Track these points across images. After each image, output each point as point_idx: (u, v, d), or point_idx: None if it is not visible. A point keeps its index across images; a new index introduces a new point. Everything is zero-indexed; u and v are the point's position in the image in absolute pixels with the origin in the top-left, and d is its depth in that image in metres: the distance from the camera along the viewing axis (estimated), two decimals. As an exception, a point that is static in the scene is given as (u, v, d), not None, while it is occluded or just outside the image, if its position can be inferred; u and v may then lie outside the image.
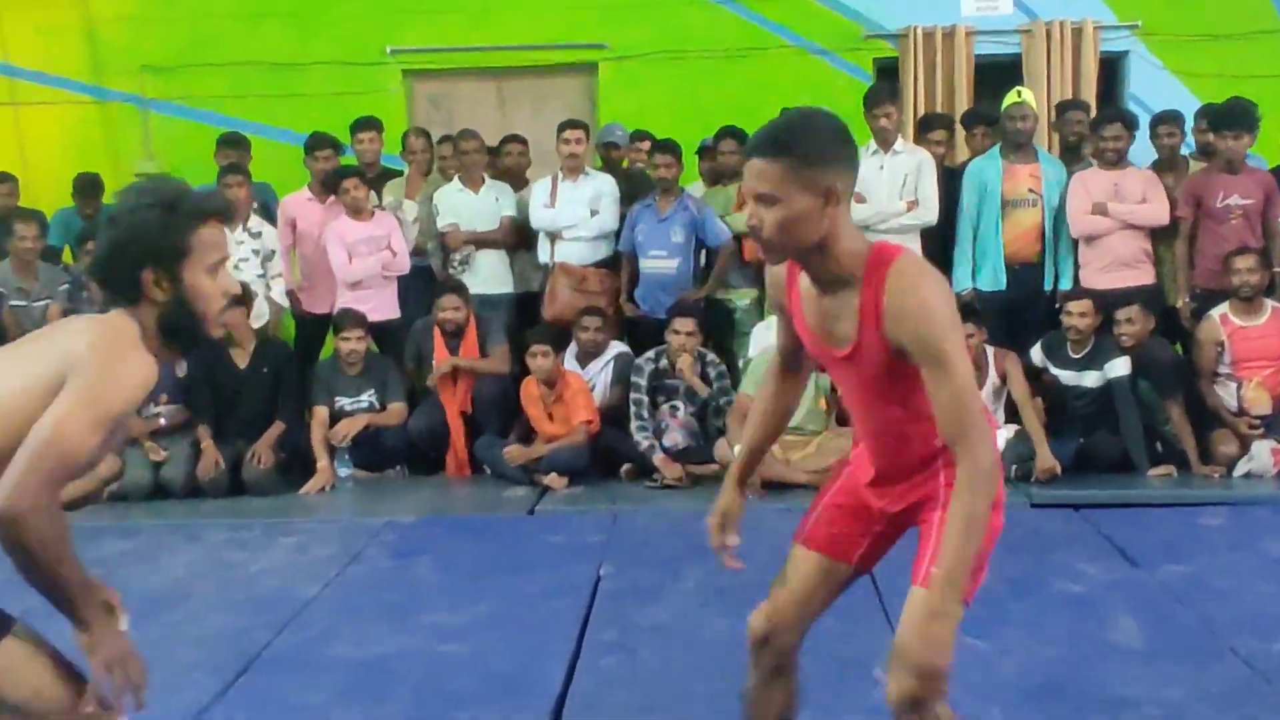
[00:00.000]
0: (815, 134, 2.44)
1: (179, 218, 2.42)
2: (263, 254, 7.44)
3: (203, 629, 4.58)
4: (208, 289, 2.47)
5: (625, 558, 5.33)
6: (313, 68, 9.01)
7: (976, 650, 4.17)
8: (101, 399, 2.28)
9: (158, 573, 5.35)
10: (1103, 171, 7.08)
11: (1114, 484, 6.41)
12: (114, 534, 6.01)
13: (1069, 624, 4.41)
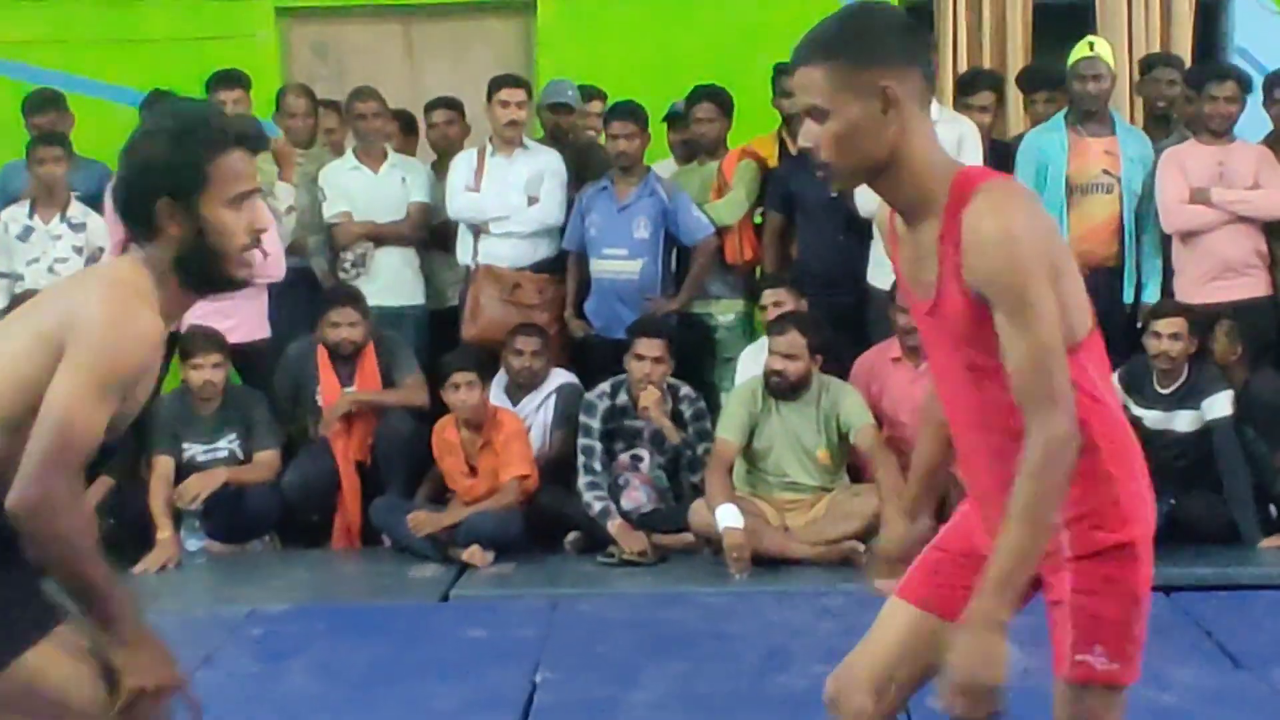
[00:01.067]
0: (861, 29, 2.57)
1: (196, 143, 2.71)
2: (88, 252, 7.40)
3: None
4: (229, 223, 2.74)
5: (569, 660, 5.29)
6: (156, 4, 8.99)
7: None
8: (103, 367, 2.59)
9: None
10: (1203, 147, 7.11)
11: (1214, 559, 6.41)
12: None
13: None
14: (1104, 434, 2.68)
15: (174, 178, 2.69)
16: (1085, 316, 2.67)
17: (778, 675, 5.10)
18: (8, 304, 7.09)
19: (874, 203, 7.21)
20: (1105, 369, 2.81)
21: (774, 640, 5.49)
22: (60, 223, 7.37)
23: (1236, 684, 4.93)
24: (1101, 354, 2.77)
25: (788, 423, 6.71)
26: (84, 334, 2.59)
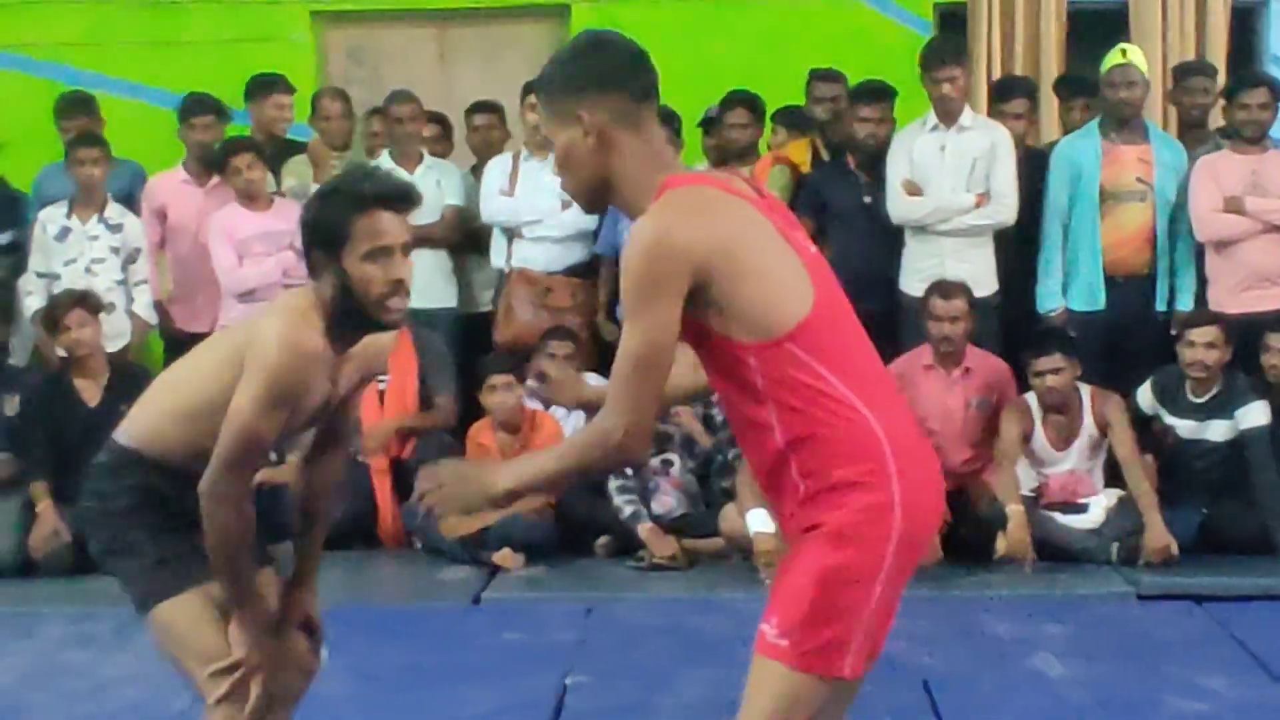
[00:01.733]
0: (562, 61, 2.80)
1: (342, 203, 3.15)
2: (124, 253, 7.42)
3: (35, 755, 4.55)
4: (368, 274, 3.11)
5: (601, 663, 5.30)
6: (193, 6, 9.00)
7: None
8: (266, 379, 3.07)
9: (-25, 677, 5.33)
10: (1237, 155, 7.07)
11: (1249, 569, 6.37)
12: (-83, 624, 5.98)
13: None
14: (825, 422, 2.66)
15: (322, 234, 3.15)
16: (793, 306, 2.65)
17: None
18: (46, 304, 7.11)
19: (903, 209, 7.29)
20: (847, 356, 2.73)
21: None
22: (98, 223, 7.38)
23: (1272, 696, 4.89)
24: (842, 340, 2.74)
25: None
26: (259, 352, 3.08)
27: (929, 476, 2.81)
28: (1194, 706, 4.78)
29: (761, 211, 2.74)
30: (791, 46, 8.38)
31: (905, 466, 2.69)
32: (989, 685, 5.02)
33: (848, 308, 2.82)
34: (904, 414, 2.87)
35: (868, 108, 7.34)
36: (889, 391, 2.87)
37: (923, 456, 2.82)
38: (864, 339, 2.82)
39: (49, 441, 6.91)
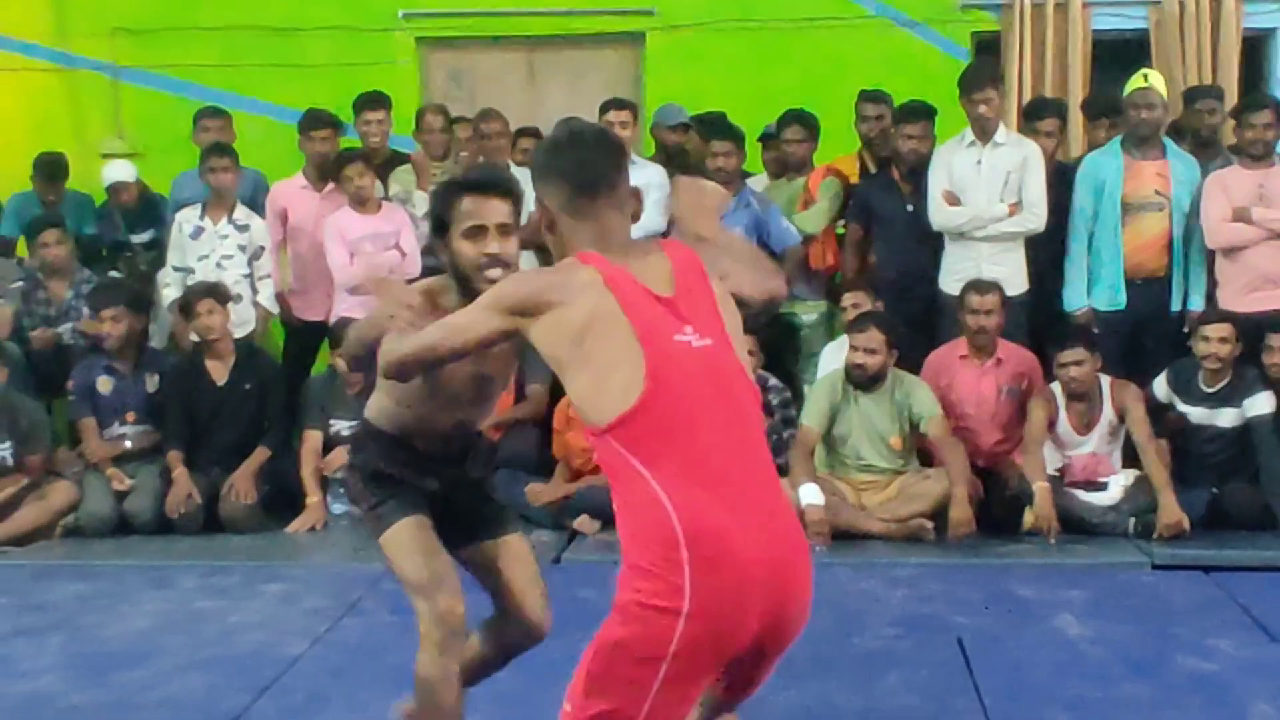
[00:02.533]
0: (540, 150, 3.10)
1: (444, 193, 3.44)
2: (250, 251, 7.47)
3: (170, 691, 4.58)
4: (464, 250, 3.32)
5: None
6: (313, 34, 9.05)
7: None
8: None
9: (119, 623, 5.36)
10: (1245, 170, 7.00)
11: (1253, 543, 6.30)
12: (69, 574, 6.05)
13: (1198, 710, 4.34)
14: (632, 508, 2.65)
15: (436, 219, 3.42)
16: (611, 401, 2.61)
17: (853, 638, 5.07)
18: (181, 295, 7.18)
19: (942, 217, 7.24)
20: (670, 448, 2.61)
21: (850, 606, 5.45)
22: (227, 224, 7.43)
23: (1273, 656, 4.83)
24: (669, 432, 2.61)
25: (865, 412, 6.67)
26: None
27: (744, 577, 2.57)
28: (1201, 665, 4.73)
29: (625, 309, 2.64)
30: (842, 70, 8.33)
31: (706, 566, 2.54)
32: (1016, 643, 4.99)
33: (706, 400, 2.65)
34: (738, 513, 2.60)
35: (911, 125, 7.30)
36: (731, 491, 2.62)
37: (740, 557, 2.57)
38: (716, 433, 2.65)
39: (183, 415, 7.00)
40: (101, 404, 7.05)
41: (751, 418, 2.79)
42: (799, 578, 2.69)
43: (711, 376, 2.69)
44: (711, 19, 9.02)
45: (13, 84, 9.20)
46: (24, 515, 6.61)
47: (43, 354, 7.45)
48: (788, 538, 2.70)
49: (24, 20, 9.22)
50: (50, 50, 9.25)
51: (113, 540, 6.66)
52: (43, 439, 6.89)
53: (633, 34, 9.17)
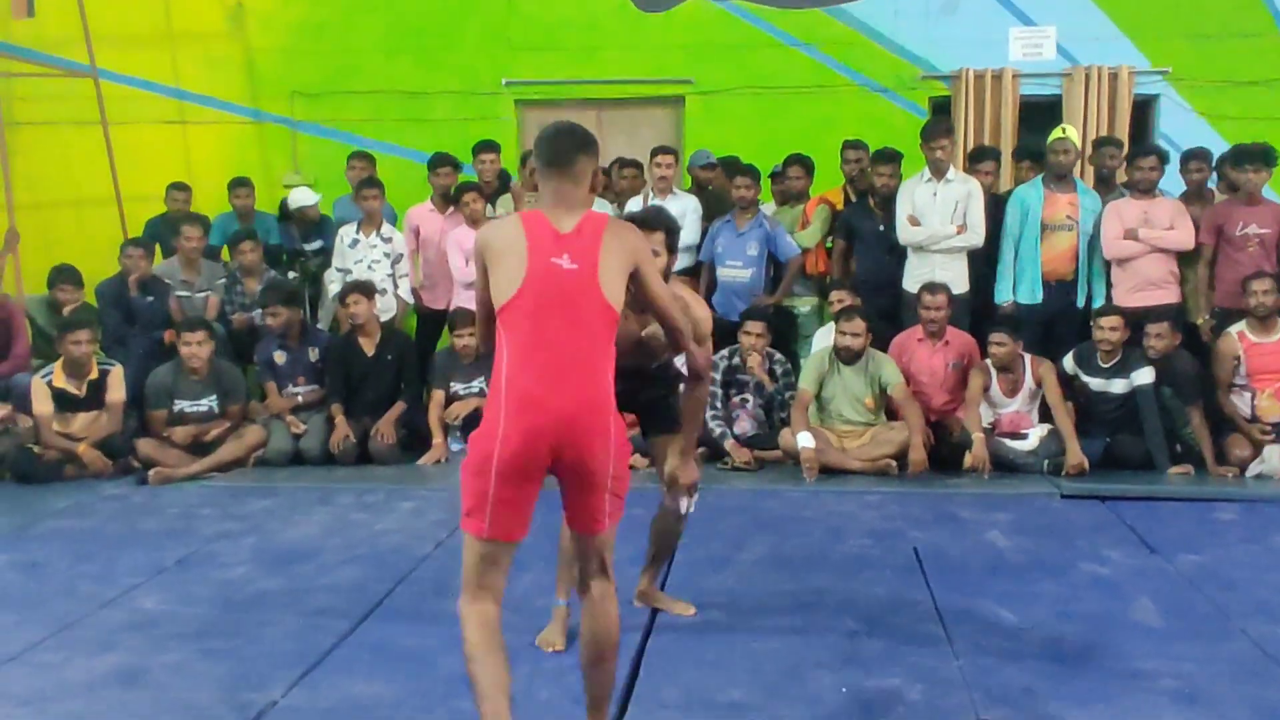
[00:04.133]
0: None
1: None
2: (392, 257, 7.51)
3: (333, 579, 4.64)
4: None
5: (699, 531, 5.25)
6: (437, 96, 9.07)
7: (1006, 622, 4.11)
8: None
9: (294, 529, 5.44)
10: (1134, 201, 6.93)
11: (1137, 480, 6.25)
12: (258, 494, 6.12)
13: (1094, 603, 4.33)
14: (495, 370, 2.89)
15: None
16: (502, 293, 2.88)
17: (836, 544, 5.10)
18: (341, 289, 7.23)
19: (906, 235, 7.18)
20: (521, 333, 2.86)
21: (834, 523, 5.47)
22: (376, 237, 7.47)
23: (1152, 565, 4.83)
24: (526, 323, 2.85)
25: (846, 380, 6.65)
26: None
27: (539, 422, 2.81)
28: (1098, 569, 4.73)
29: (528, 236, 2.89)
30: (831, 125, 8.27)
31: (516, 410, 2.81)
32: (957, 551, 4.98)
33: (556, 304, 2.85)
34: (548, 379, 2.82)
35: (883, 166, 7.25)
36: (550, 363, 2.83)
37: (540, 408, 2.81)
38: (556, 326, 2.85)
39: (341, 378, 7.05)
40: (279, 371, 7.11)
41: (587, 323, 2.89)
42: (580, 429, 2.85)
43: (565, 290, 2.87)
44: (734, 86, 8.98)
45: (218, 133, 9.27)
46: (226, 450, 6.69)
47: (240, 333, 7.52)
48: (579, 403, 2.85)
49: (226, 86, 9.28)
50: (245, 108, 9.31)
51: (289, 469, 6.72)
52: (240, 394, 6.96)
53: (675, 97, 9.14)
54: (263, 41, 9.24)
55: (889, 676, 3.61)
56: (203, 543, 5.17)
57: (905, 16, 8.91)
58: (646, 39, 9.06)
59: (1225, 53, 8.63)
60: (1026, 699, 3.46)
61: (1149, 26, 8.70)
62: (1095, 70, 8.63)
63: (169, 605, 4.35)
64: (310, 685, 3.59)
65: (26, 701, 3.48)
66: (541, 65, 9.10)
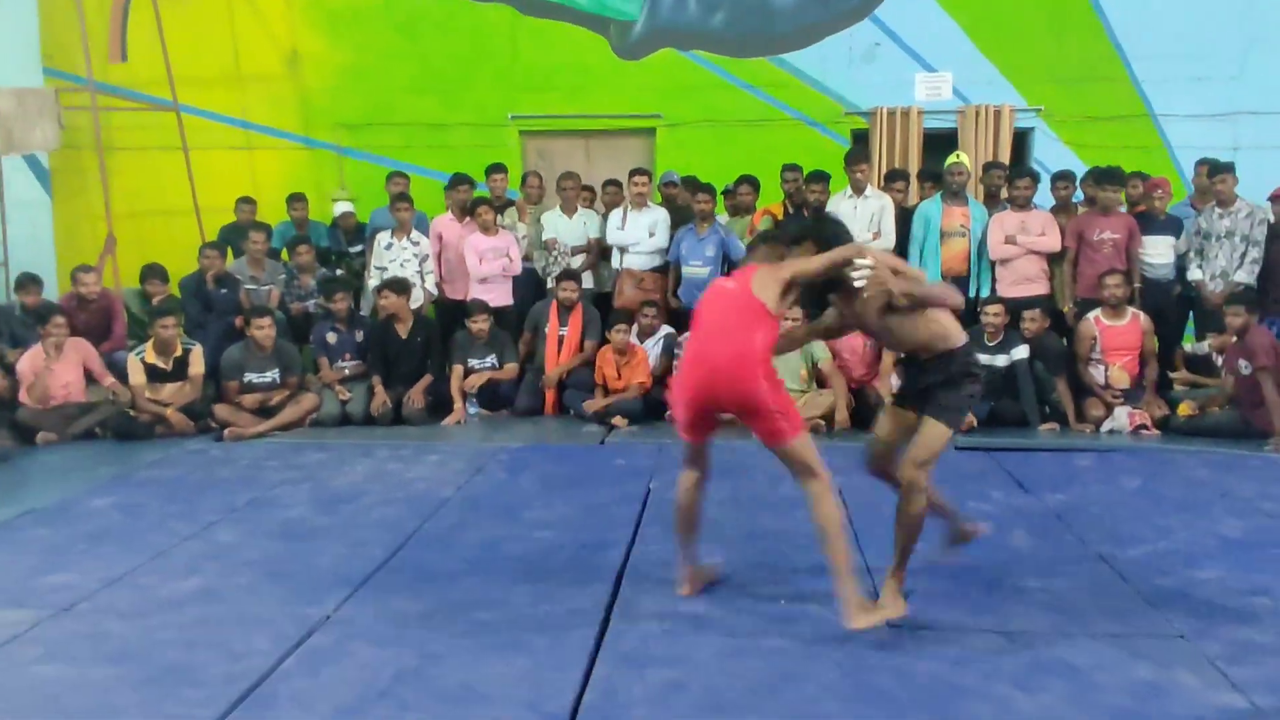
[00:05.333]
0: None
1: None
2: (420, 257, 7.45)
3: (373, 517, 4.63)
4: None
5: (668, 477, 5.27)
6: (455, 127, 8.99)
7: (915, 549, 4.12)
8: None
9: (343, 476, 5.41)
10: (1014, 213, 6.97)
11: (1014, 435, 6.30)
12: (313, 449, 6.09)
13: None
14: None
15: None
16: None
17: (778, 488, 5.05)
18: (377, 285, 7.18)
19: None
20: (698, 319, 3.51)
21: (775, 470, 5.36)
22: (407, 241, 7.41)
23: (1027, 503, 4.86)
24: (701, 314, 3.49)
25: (786, 356, 6.56)
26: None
27: (692, 375, 3.37)
28: (983, 506, 4.73)
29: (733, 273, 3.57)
30: (773, 150, 8.25)
31: (682, 369, 3.48)
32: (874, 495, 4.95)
33: (716, 303, 3.40)
34: (705, 346, 3.33)
35: (815, 184, 7.24)
36: (708, 336, 3.33)
37: (694, 365, 3.37)
38: (715, 312, 3.37)
39: (380, 356, 7.01)
40: (330, 348, 7.06)
41: (734, 316, 3.30)
42: (725, 372, 3.28)
43: (723, 297, 3.40)
44: (695, 120, 8.94)
45: (278, 157, 9.17)
46: (286, 413, 6.65)
47: (296, 319, 7.46)
48: (716, 365, 3.29)
49: (282, 117, 9.17)
50: (299, 136, 9.21)
51: (338, 429, 6.68)
52: (298, 368, 6.91)
53: (648, 129, 9.10)
54: (314, 82, 9.14)
55: (816, 591, 3.63)
56: (268, 488, 5.14)
57: (832, 64, 8.89)
58: (626, 81, 9.01)
59: (1086, 94, 8.66)
60: (932, 610, 3.49)
61: (1026, 73, 8.72)
62: (984, 108, 8.64)
63: (240, 538, 4.33)
64: (357, 601, 3.58)
65: (127, 616, 3.46)
66: (541, 102, 9.04)
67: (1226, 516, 4.54)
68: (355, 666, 3.07)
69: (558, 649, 3.16)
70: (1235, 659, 3.08)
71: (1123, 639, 3.25)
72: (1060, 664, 3.07)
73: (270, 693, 2.92)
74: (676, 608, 3.50)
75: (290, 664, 3.10)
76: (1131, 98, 8.65)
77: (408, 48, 9.05)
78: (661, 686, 2.92)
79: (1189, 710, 2.80)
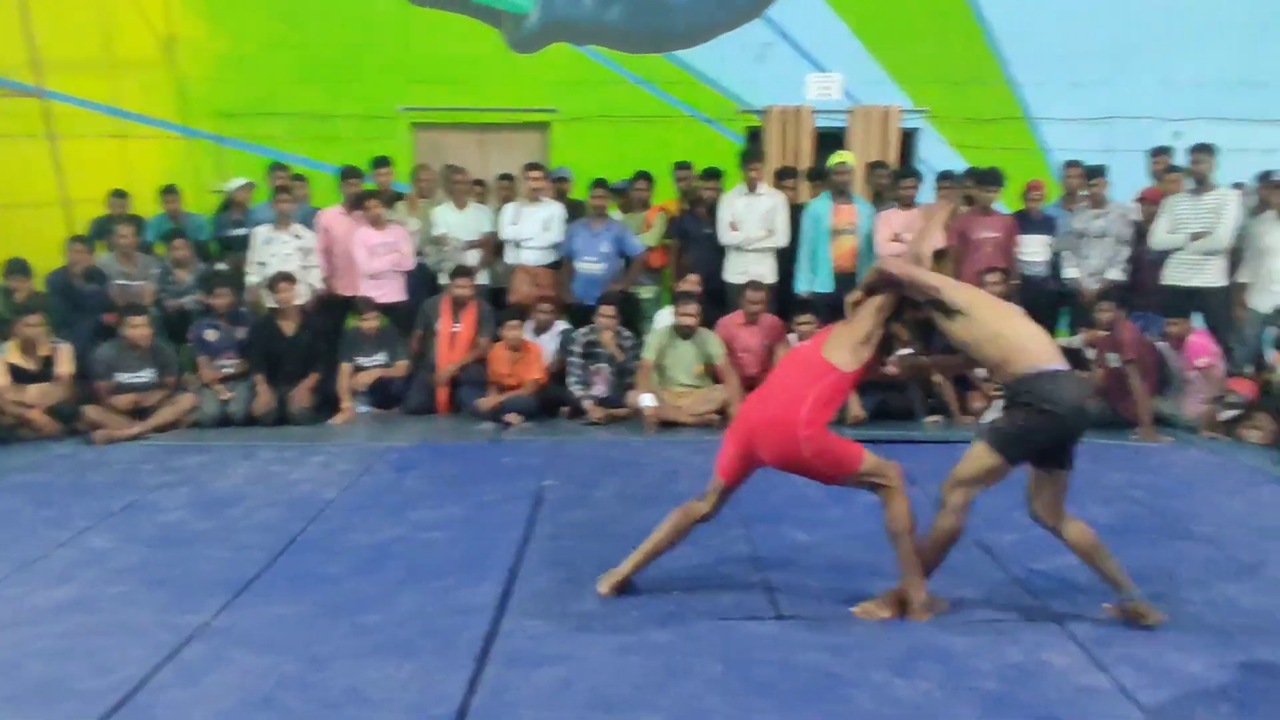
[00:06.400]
0: None
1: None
2: (304, 252, 7.27)
3: (255, 520, 4.53)
4: None
5: (561, 474, 5.32)
6: (344, 118, 8.82)
7: (801, 541, 4.24)
8: None
9: (224, 479, 5.27)
10: (899, 211, 7.14)
11: (901, 427, 6.48)
12: (192, 451, 5.90)
13: (868, 524, 4.42)
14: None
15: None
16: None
17: (671, 484, 5.15)
18: (261, 280, 6.98)
19: (727, 238, 7.26)
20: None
21: (669, 466, 5.53)
22: (289, 235, 7.23)
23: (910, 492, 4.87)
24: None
25: (682, 352, 6.73)
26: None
27: (742, 423, 3.45)
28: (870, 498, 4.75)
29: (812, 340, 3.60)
30: (667, 147, 8.32)
31: (738, 415, 3.51)
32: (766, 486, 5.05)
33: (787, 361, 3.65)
34: (752, 403, 3.48)
35: (708, 181, 7.34)
36: (760, 393, 3.48)
37: (741, 418, 3.49)
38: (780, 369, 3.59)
39: (263, 353, 6.83)
40: (209, 346, 6.84)
41: (800, 370, 3.40)
42: (763, 433, 3.36)
43: (795, 356, 3.56)
44: (590, 114, 8.97)
45: (152, 147, 8.83)
46: (163, 414, 6.43)
47: (172, 316, 7.21)
48: (766, 415, 3.36)
49: (159, 105, 8.83)
50: (176, 125, 8.90)
51: (218, 430, 6.49)
52: (175, 367, 6.68)
53: (543, 123, 9.09)
54: (192, 69, 8.84)
55: (710, 583, 3.71)
56: (144, 492, 4.97)
57: (727, 62, 9.03)
58: (520, 75, 8.98)
59: (968, 96, 9.00)
60: (818, 600, 3.60)
61: (912, 75, 9.01)
62: (873, 109, 8.90)
63: (116, 544, 4.18)
64: (237, 608, 3.51)
65: (-12, 629, 3.32)
66: (432, 94, 8.93)
67: (1096, 504, 4.77)
68: (235, 674, 3.01)
69: (446, 651, 3.15)
70: (1102, 641, 3.27)
71: (997, 624, 3.42)
72: (936, 649, 3.21)
73: (145, 704, 2.85)
74: (566, 607, 3.53)
75: (167, 674, 3.02)
76: (1010, 101, 9.02)
77: (291, 35, 8.83)
78: (550, 686, 2.94)
79: (1058, 692, 2.96)
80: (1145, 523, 4.56)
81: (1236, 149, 7.60)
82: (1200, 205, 6.84)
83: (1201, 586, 3.77)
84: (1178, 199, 6.96)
